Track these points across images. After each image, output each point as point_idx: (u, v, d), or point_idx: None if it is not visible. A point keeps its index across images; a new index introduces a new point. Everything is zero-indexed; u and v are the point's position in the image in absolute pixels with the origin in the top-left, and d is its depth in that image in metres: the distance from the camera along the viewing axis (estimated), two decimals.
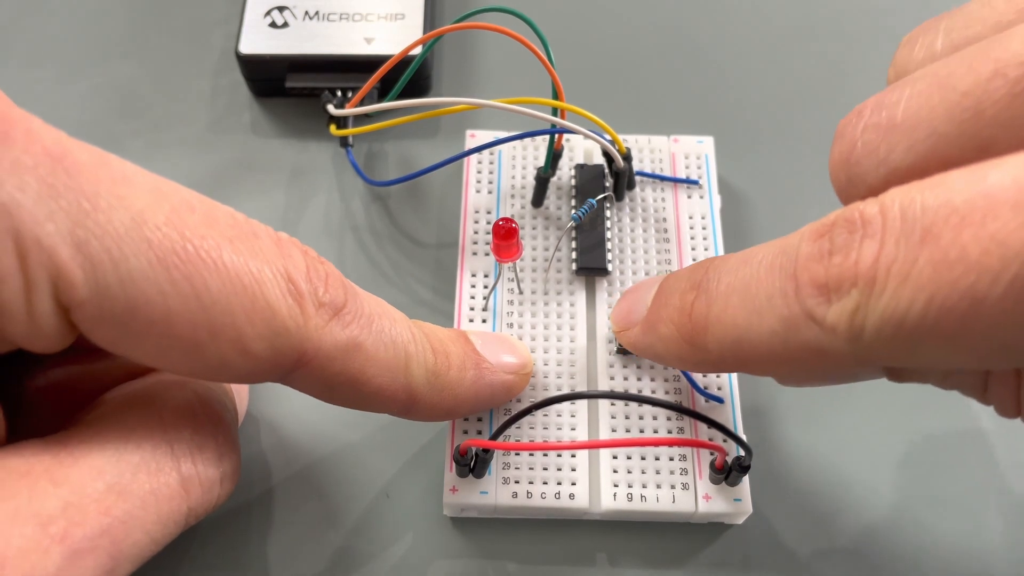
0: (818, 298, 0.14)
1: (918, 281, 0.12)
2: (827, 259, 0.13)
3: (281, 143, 0.28)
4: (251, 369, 0.16)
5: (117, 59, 0.30)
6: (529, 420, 0.22)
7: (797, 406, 0.24)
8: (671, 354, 0.18)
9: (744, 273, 0.16)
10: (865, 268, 0.13)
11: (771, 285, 0.15)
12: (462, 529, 0.22)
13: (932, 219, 0.12)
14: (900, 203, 0.13)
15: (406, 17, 0.28)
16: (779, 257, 0.15)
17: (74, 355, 0.19)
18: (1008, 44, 0.13)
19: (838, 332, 0.13)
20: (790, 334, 0.14)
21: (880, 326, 0.13)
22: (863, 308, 0.13)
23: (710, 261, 0.17)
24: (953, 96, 0.13)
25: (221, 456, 0.18)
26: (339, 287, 0.17)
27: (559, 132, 0.24)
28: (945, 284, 0.12)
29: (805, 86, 0.29)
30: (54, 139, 0.14)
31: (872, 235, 0.13)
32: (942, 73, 0.14)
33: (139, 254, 0.14)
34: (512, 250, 0.22)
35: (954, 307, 0.12)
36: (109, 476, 0.15)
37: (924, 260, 0.12)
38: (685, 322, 0.17)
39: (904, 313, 0.12)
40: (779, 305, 0.14)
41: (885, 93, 0.15)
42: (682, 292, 0.18)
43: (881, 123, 0.14)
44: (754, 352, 0.15)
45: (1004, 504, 0.22)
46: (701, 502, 0.21)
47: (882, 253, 0.13)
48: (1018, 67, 0.12)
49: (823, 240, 0.14)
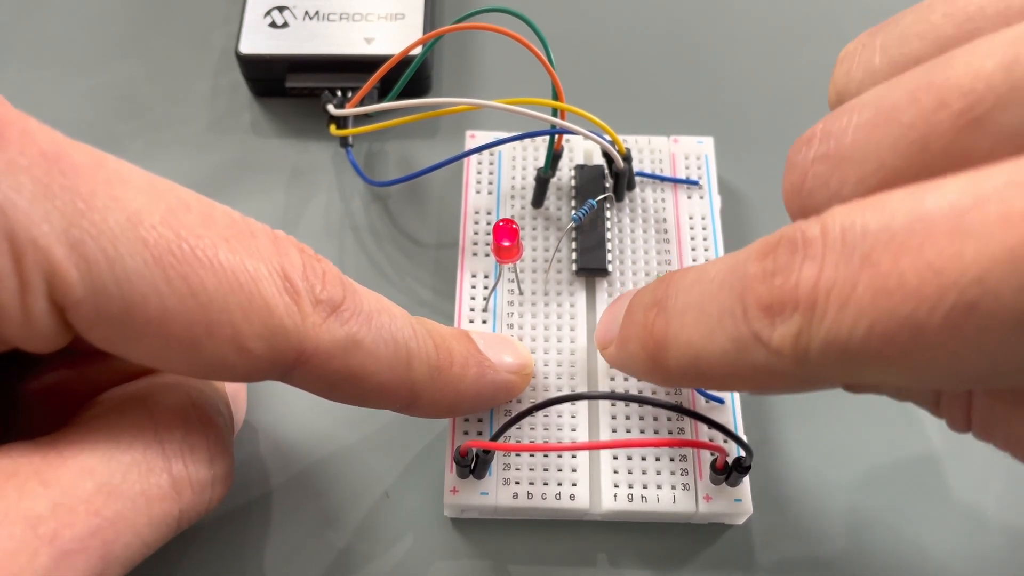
0: (764, 320, 0.13)
1: (858, 307, 0.12)
2: (770, 280, 0.13)
3: (281, 143, 0.28)
4: (249, 367, 0.16)
5: (117, 59, 0.30)
6: (530, 421, 0.22)
7: (798, 407, 0.24)
8: (641, 372, 0.18)
9: (697, 291, 0.16)
10: (805, 292, 0.13)
11: (721, 304, 0.15)
12: (462, 530, 0.22)
13: (872, 244, 0.12)
14: (841, 224, 0.12)
15: (406, 17, 0.28)
16: (729, 275, 0.15)
17: (69, 358, 0.19)
18: (949, 72, 0.12)
19: (784, 354, 0.13)
20: (740, 355, 0.14)
21: (824, 349, 0.13)
22: (806, 332, 0.13)
23: (671, 276, 0.17)
24: (898, 129, 0.13)
25: (213, 459, 0.18)
26: (337, 284, 0.17)
27: (559, 133, 0.24)
28: (885, 312, 0.12)
29: (805, 86, 0.29)
30: (50, 139, 0.14)
31: (813, 257, 0.13)
32: (886, 104, 0.13)
33: (135, 254, 0.14)
34: (512, 251, 0.22)
35: (895, 335, 0.12)
36: (99, 476, 0.15)
37: (864, 286, 0.12)
38: (648, 340, 0.17)
39: (846, 338, 0.12)
40: (728, 326, 0.14)
41: (831, 120, 0.14)
42: (645, 309, 0.17)
43: (830, 153, 0.14)
44: (711, 371, 0.15)
45: (1004, 505, 0.22)
46: (702, 503, 0.21)
47: (822, 276, 0.12)
48: (961, 98, 0.12)
49: (767, 260, 0.14)
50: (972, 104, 0.12)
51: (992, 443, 0.15)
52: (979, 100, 0.12)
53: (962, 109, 0.12)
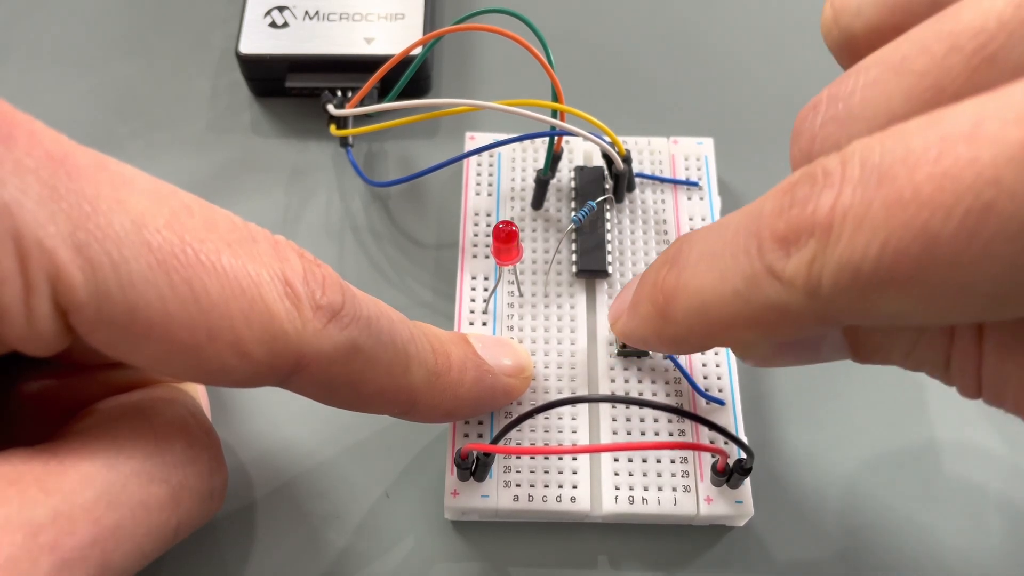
0: (778, 252, 0.13)
1: (873, 225, 0.12)
2: (787, 212, 0.13)
3: (281, 143, 0.28)
4: (249, 373, 0.16)
5: (117, 59, 0.30)
6: (530, 423, 0.22)
7: (798, 408, 0.24)
8: (649, 333, 0.18)
9: (713, 239, 0.15)
10: (822, 216, 0.12)
11: (736, 245, 0.14)
12: (463, 532, 0.22)
13: (890, 163, 0.12)
14: (860, 153, 0.12)
15: (406, 17, 0.28)
16: (746, 219, 0.14)
17: (62, 368, 0.19)
18: (959, 18, 0.12)
19: (796, 285, 0.13)
20: (752, 292, 0.14)
21: (837, 275, 0.12)
22: (820, 257, 0.12)
23: (685, 236, 0.17)
24: (909, 79, 0.13)
25: (212, 471, 0.18)
26: (336, 289, 0.17)
27: (559, 134, 0.24)
28: (899, 225, 0.11)
29: (805, 87, 0.29)
30: (55, 142, 0.14)
31: (831, 185, 0.12)
32: (895, 58, 0.13)
33: (139, 257, 0.14)
34: (512, 253, 0.22)
35: (908, 248, 0.11)
36: (99, 485, 0.15)
37: (879, 203, 0.12)
38: (658, 296, 0.17)
39: (860, 259, 0.12)
40: (742, 263, 0.14)
41: (836, 84, 0.14)
42: (657, 269, 0.17)
43: (839, 115, 0.14)
44: (718, 316, 0.15)
45: (1005, 505, 0.22)
46: (703, 505, 0.21)
47: (839, 201, 0.12)
48: (973, 38, 0.12)
49: (786, 196, 0.13)
50: (984, 43, 0.12)
51: (1003, 407, 0.15)
52: (991, 38, 0.12)
53: (975, 48, 0.12)
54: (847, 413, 0.24)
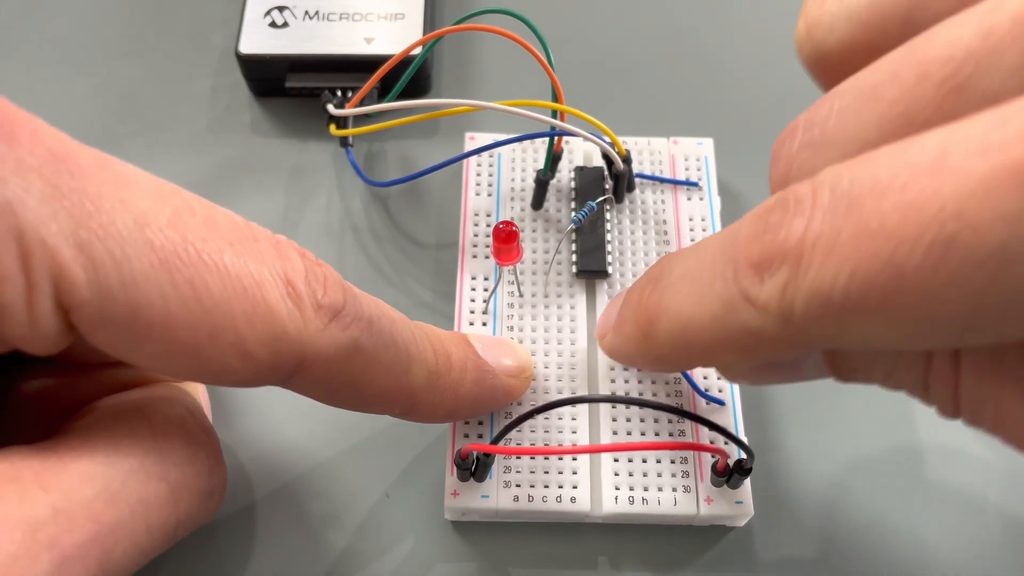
0: (752, 277, 0.13)
1: (841, 254, 0.12)
2: (761, 238, 0.13)
3: (281, 143, 0.28)
4: (251, 373, 0.16)
5: (117, 59, 0.30)
6: (530, 424, 0.22)
7: (798, 408, 0.24)
8: (633, 352, 0.18)
9: (692, 262, 0.16)
10: (793, 244, 0.13)
11: (714, 270, 0.14)
12: (463, 533, 0.22)
13: (858, 191, 0.12)
14: (831, 181, 0.12)
15: (406, 17, 0.28)
16: (723, 242, 0.15)
17: (61, 367, 0.19)
18: (929, 46, 0.12)
19: (770, 311, 0.13)
20: (728, 316, 0.14)
21: (808, 302, 0.12)
22: (792, 284, 0.13)
23: (667, 256, 0.17)
24: (881, 106, 0.13)
25: (211, 470, 0.18)
26: (338, 289, 0.17)
27: (559, 134, 0.24)
28: (866, 255, 0.11)
29: (805, 87, 0.29)
30: (58, 140, 0.14)
31: (802, 213, 0.13)
32: (868, 84, 0.13)
33: (141, 256, 0.14)
34: (512, 253, 0.22)
35: (875, 278, 0.11)
36: (99, 483, 0.15)
37: (847, 232, 0.12)
38: (641, 316, 0.17)
39: (830, 287, 0.12)
40: (719, 288, 0.14)
41: (814, 109, 0.14)
42: (641, 289, 0.17)
43: (814, 140, 0.14)
44: (698, 339, 0.15)
45: (1005, 506, 0.22)
46: (703, 505, 0.21)
47: (809, 228, 0.12)
48: (942, 68, 0.12)
49: (760, 221, 0.14)
50: (953, 72, 0.12)
51: (983, 427, 0.15)
52: (960, 67, 0.12)
53: (944, 77, 0.12)
54: (847, 413, 0.24)
